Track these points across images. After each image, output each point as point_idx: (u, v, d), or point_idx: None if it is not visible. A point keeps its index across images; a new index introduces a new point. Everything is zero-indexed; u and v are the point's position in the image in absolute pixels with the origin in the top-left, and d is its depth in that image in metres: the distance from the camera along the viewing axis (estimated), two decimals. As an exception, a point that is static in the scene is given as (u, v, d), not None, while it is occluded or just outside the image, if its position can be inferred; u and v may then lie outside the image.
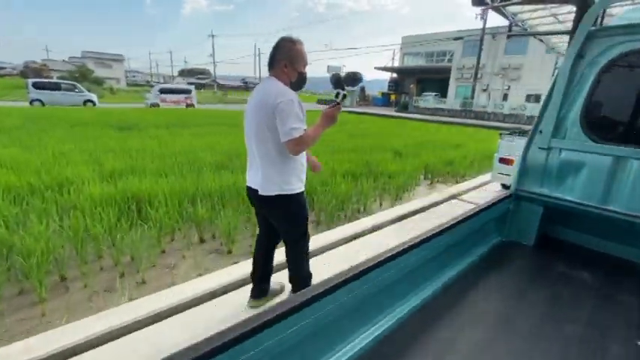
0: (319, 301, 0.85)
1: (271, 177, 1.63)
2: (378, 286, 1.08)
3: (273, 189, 1.63)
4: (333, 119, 1.57)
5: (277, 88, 1.53)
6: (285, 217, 1.77)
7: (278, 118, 1.48)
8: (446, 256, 1.48)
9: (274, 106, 1.49)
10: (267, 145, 1.59)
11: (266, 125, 1.54)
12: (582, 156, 1.61)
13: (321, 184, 4.09)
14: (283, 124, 1.48)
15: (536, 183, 1.77)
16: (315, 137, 1.55)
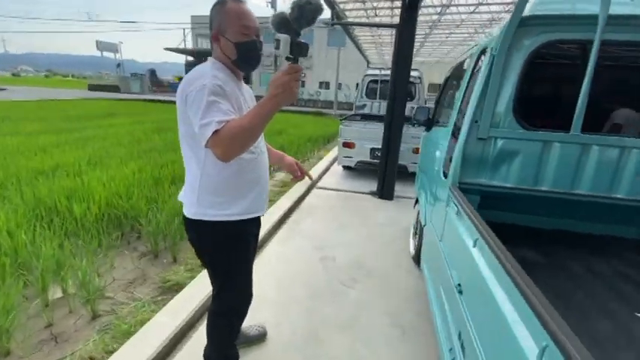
0: None
1: (189, 192, 1.27)
2: None
3: (190, 210, 1.27)
4: (285, 88, 0.95)
5: (192, 74, 1.13)
6: (204, 255, 1.38)
7: (190, 113, 1.08)
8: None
9: (184, 100, 1.11)
10: (185, 150, 1.25)
11: (183, 123, 1.18)
12: (516, 143, 1.71)
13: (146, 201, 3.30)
14: (195, 120, 1.05)
15: (475, 173, 1.79)
16: (252, 124, 0.99)
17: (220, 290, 1.41)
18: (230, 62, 1.19)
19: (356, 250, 3.07)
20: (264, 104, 0.98)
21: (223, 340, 1.53)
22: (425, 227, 2.47)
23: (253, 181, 1.30)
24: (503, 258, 1.00)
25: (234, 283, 1.42)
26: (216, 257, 1.35)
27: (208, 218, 1.24)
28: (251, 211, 1.31)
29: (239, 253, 1.39)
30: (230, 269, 1.39)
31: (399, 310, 2.25)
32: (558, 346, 0.66)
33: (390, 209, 4.28)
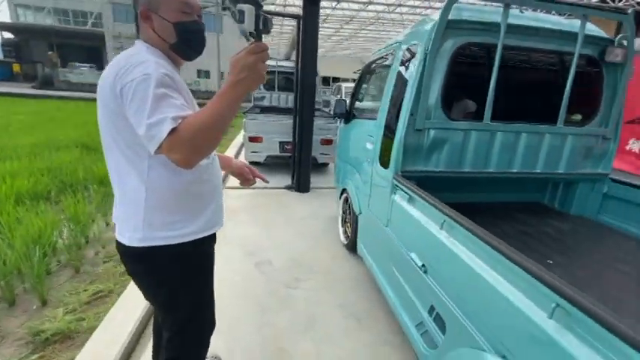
0: None
1: (131, 214, 1.01)
2: None
3: (134, 236, 1.01)
4: (252, 71, 0.81)
5: (124, 61, 0.89)
6: (160, 290, 1.12)
7: (129, 112, 0.86)
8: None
9: (116, 95, 0.87)
10: (115, 162, 1.00)
11: (113, 126, 0.94)
12: (444, 133, 1.97)
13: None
14: (138, 120, 0.83)
15: (413, 161, 1.99)
16: (217, 119, 0.82)
17: (185, 326, 1.17)
18: (167, 47, 1.00)
19: (289, 248, 3.02)
20: (226, 92, 0.82)
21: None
22: (360, 216, 2.62)
23: (211, 191, 1.13)
24: (481, 232, 1.16)
25: (203, 314, 1.23)
26: (179, 289, 1.12)
27: (163, 242, 1.02)
28: (211, 225, 1.14)
29: (205, 278, 1.21)
30: (198, 299, 1.19)
31: (349, 301, 2.34)
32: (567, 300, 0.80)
33: (309, 202, 4.36)
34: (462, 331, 1.21)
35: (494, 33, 1.77)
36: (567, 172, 2.18)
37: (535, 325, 0.89)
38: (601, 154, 2.20)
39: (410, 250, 1.68)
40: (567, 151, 2.14)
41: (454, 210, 1.36)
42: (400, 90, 2.02)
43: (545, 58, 2.12)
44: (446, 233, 1.39)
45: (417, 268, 1.58)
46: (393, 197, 1.94)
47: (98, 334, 1.80)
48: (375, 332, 2.05)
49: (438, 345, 1.39)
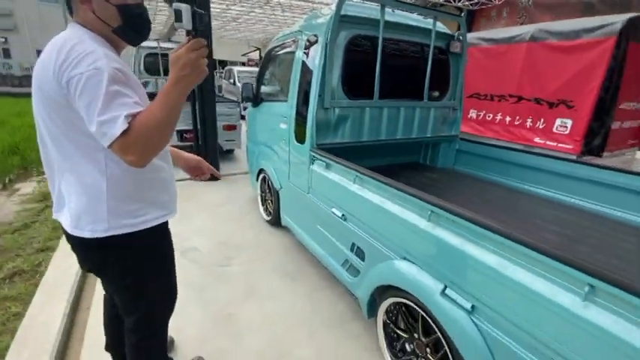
0: None
1: (92, 206, 1.01)
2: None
3: (97, 228, 1.02)
4: (194, 68, 0.85)
5: (68, 49, 0.87)
6: (125, 278, 1.16)
7: (79, 104, 0.86)
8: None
9: (62, 86, 0.87)
10: (61, 152, 0.98)
11: (58, 117, 0.94)
12: (346, 110, 2.42)
13: None
14: (89, 117, 0.85)
15: (324, 136, 2.39)
16: (167, 117, 0.86)
17: (151, 310, 1.26)
18: (109, 31, 0.99)
19: (212, 233, 3.14)
20: (171, 91, 0.85)
21: (160, 357, 1.41)
22: (281, 190, 2.94)
23: (168, 177, 1.19)
24: (382, 178, 1.63)
25: (168, 295, 1.33)
26: (145, 275, 1.18)
27: (128, 230, 1.06)
28: (171, 210, 1.20)
29: (169, 261, 1.29)
30: (164, 283, 1.28)
31: (281, 265, 2.68)
32: (442, 210, 1.31)
33: (221, 189, 4.42)
34: (376, 252, 1.69)
35: (376, 27, 2.28)
36: (432, 136, 2.96)
37: (418, 228, 1.39)
38: (452, 120, 3.05)
39: (331, 207, 2.11)
40: (432, 120, 2.89)
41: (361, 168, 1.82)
42: (307, 75, 2.38)
43: (413, 48, 2.78)
44: (358, 186, 1.84)
45: (338, 219, 2.02)
46: (312, 167, 2.32)
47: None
48: (308, 284, 2.45)
49: (360, 271, 1.87)
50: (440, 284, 1.32)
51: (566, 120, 3.43)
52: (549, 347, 0.96)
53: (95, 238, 1.02)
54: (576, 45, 3.30)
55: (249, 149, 3.83)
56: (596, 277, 0.86)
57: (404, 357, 1.65)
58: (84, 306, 2.20)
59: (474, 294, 1.19)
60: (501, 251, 1.11)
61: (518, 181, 2.62)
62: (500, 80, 4.05)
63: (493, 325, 1.13)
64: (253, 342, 1.89)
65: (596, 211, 2.14)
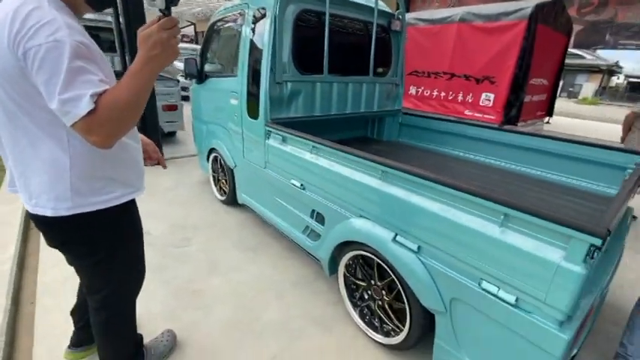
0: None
1: (54, 184, 0.99)
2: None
3: (61, 206, 1.00)
4: (165, 47, 0.83)
5: (20, 14, 0.80)
6: (90, 256, 1.17)
7: (38, 79, 0.81)
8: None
9: (17, 57, 0.81)
10: (25, 126, 0.93)
11: (13, 91, 0.87)
12: (297, 85, 2.50)
13: None
14: (49, 93, 0.80)
15: (277, 110, 2.47)
16: (136, 97, 0.85)
17: (119, 286, 1.29)
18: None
19: (164, 217, 3.07)
20: (140, 70, 0.83)
21: (130, 333, 1.46)
22: (236, 168, 2.97)
23: (135, 154, 1.16)
24: (337, 146, 1.80)
25: (136, 271, 1.37)
26: (113, 251, 1.19)
27: (92, 208, 1.04)
28: (137, 187, 1.19)
29: (137, 237, 1.31)
30: (132, 259, 1.31)
31: (241, 241, 2.76)
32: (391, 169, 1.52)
33: (167, 173, 4.25)
34: (335, 214, 1.87)
35: (322, 2, 2.38)
36: (378, 110, 3.20)
37: (371, 187, 1.59)
38: (395, 96, 3.32)
39: (289, 179, 2.23)
40: (377, 95, 3.12)
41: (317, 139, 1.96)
42: (257, 50, 2.41)
43: (358, 25, 2.93)
44: (315, 155, 1.98)
45: (297, 189, 2.15)
46: (268, 142, 2.40)
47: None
48: (270, 254, 2.58)
49: (320, 234, 2.04)
50: (391, 233, 1.55)
51: (489, 94, 3.93)
52: (478, 269, 1.23)
53: (58, 216, 1.00)
54: (497, 27, 3.76)
55: (196, 129, 3.73)
56: (508, 207, 1.12)
57: (362, 304, 1.89)
58: (26, 300, 2.08)
59: (418, 237, 1.43)
60: (437, 197, 1.35)
61: (452, 149, 3.00)
62: (435, 58, 4.45)
63: (434, 259, 1.39)
64: (223, 311, 1.98)
65: (513, 169, 2.57)
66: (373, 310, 1.84)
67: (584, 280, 0.98)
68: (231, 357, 1.68)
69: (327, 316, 1.98)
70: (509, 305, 1.16)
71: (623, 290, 2.35)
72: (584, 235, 0.96)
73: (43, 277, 2.20)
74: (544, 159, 2.42)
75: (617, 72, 27.69)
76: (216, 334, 1.82)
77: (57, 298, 2.01)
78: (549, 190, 2.13)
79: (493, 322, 1.23)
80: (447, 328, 1.41)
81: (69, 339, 1.60)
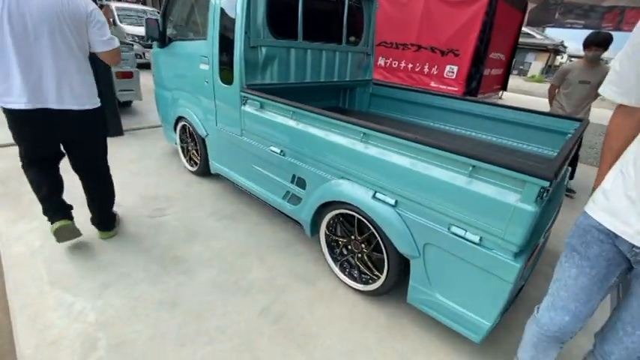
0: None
1: (89, 88, 1.89)
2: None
3: (93, 101, 1.92)
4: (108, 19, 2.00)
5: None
6: (99, 133, 2.09)
7: (94, 28, 1.78)
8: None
9: (88, 13, 1.74)
10: (77, 55, 1.79)
11: (78, 35, 1.75)
12: (272, 50, 2.50)
13: None
14: (102, 34, 1.81)
15: (253, 76, 2.47)
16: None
17: (105, 153, 2.18)
18: None
19: (133, 189, 3.00)
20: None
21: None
22: (207, 137, 2.95)
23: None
24: (318, 110, 1.89)
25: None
26: (104, 130, 2.15)
27: (99, 105, 1.97)
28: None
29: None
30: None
31: (218, 209, 2.80)
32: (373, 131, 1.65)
33: (129, 144, 4.08)
34: (317, 178, 2.00)
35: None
36: (350, 80, 3.30)
37: (353, 149, 1.73)
38: (366, 66, 3.43)
39: (268, 146, 2.29)
40: (350, 64, 3.21)
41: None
42: (230, 11, 2.36)
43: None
44: (295, 121, 2.06)
45: (277, 155, 2.23)
46: (244, 108, 2.42)
47: None
48: (248, 221, 2.66)
49: (301, 198, 2.17)
50: (371, 191, 1.71)
51: (453, 66, 4.18)
52: (448, 216, 1.43)
53: (93, 108, 1.92)
54: (461, 1, 3.96)
55: (159, 97, 3.59)
56: (477, 160, 1.31)
57: (342, 259, 2.08)
58: (-10, 276, 2.00)
59: (396, 192, 1.60)
60: (413, 154, 1.52)
61: (420, 118, 3.21)
62: (404, 30, 4.58)
63: (409, 211, 1.57)
64: (207, 273, 2.07)
65: (474, 136, 2.84)
66: (352, 262, 2.03)
67: (535, 217, 1.20)
68: (222, 311, 1.79)
69: (310, 273, 2.15)
70: (474, 244, 1.38)
71: (558, 240, 2.78)
72: (536, 179, 1.17)
73: (8, 250, 2.11)
74: (499, 126, 2.71)
75: (562, 51, 29.92)
76: (204, 293, 1.91)
77: (28, 270, 1.97)
78: (504, 153, 2.42)
79: (460, 261, 1.45)
80: (420, 271, 1.63)
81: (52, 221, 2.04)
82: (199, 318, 1.75)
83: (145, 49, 9.27)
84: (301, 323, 1.77)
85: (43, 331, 1.60)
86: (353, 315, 1.86)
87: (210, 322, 1.73)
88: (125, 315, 1.71)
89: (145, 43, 9.34)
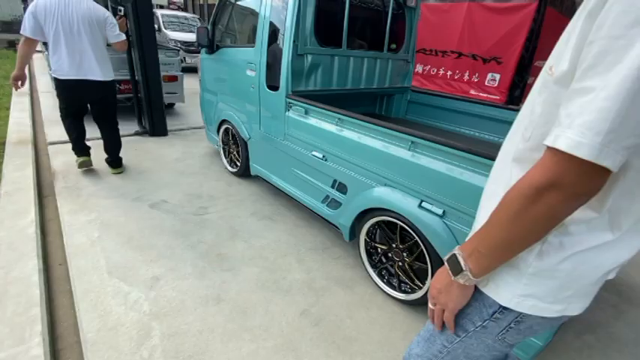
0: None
1: (107, 63, 2.92)
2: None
3: (110, 75, 2.95)
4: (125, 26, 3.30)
5: (98, 5, 2.78)
6: (112, 98, 3.11)
7: (109, 26, 2.83)
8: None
9: (105, 19, 2.78)
10: (100, 44, 2.83)
11: (100, 33, 2.81)
12: (317, 58, 2.56)
13: None
14: (114, 31, 2.86)
15: (298, 82, 2.53)
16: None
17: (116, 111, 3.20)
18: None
19: (178, 187, 3.15)
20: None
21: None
22: (250, 140, 3.05)
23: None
24: (363, 118, 1.91)
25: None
26: (116, 95, 3.21)
27: (113, 77, 3.03)
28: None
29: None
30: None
31: (258, 210, 2.88)
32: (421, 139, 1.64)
33: (173, 144, 4.29)
34: (359, 184, 2.01)
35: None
36: (389, 87, 3.29)
37: (400, 157, 1.72)
38: (406, 73, 3.41)
39: (310, 150, 2.33)
40: (389, 72, 3.20)
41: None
42: (279, 20, 2.43)
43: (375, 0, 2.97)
44: (339, 127, 2.09)
45: (318, 160, 2.26)
46: (288, 114, 2.48)
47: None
48: (287, 222, 2.72)
49: (341, 203, 2.18)
50: (417, 200, 1.70)
51: (495, 74, 4.05)
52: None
53: (109, 80, 2.94)
54: (507, 7, 3.83)
55: (204, 100, 3.75)
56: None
57: (381, 266, 2.07)
58: (54, 263, 2.17)
59: (443, 202, 1.58)
60: (466, 165, 1.49)
61: (458, 126, 3.14)
62: (444, 37, 4.50)
63: (459, 222, 1.55)
64: (250, 272, 2.13)
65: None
66: (392, 271, 2.02)
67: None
68: (264, 311, 1.84)
69: (347, 277, 2.16)
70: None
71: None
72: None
73: (70, 239, 2.28)
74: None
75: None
76: (247, 291, 1.97)
77: (88, 259, 2.12)
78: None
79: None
80: (466, 283, 1.59)
81: (79, 160, 3.12)
82: (244, 315, 1.81)
83: (187, 54, 9.68)
84: (342, 327, 1.79)
85: (104, 317, 1.71)
86: (393, 323, 1.85)
87: (254, 320, 1.78)
88: (176, 307, 1.80)
89: (187, 48, 9.78)
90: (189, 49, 9.74)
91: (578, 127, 0.49)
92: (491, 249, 0.63)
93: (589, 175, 0.50)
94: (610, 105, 0.46)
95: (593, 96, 0.47)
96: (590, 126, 0.47)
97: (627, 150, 0.48)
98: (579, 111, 0.49)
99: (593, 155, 0.48)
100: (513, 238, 0.60)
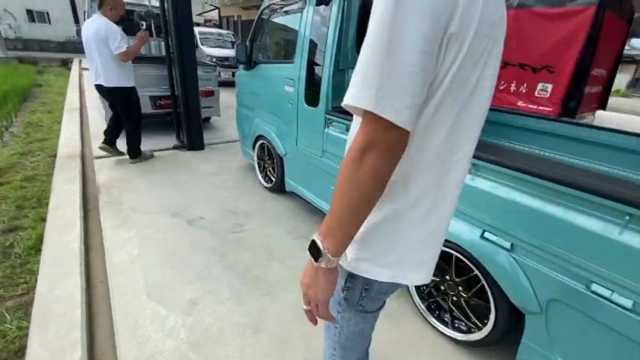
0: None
1: (109, 76, 3.40)
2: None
3: (112, 83, 3.42)
4: (147, 39, 3.58)
5: (104, 23, 3.25)
6: (126, 102, 3.59)
7: (110, 41, 3.23)
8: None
9: (107, 36, 3.24)
10: (106, 55, 3.30)
11: (104, 46, 3.26)
12: (358, 72, 2.45)
13: None
14: (113, 44, 3.25)
15: (338, 98, 2.43)
16: (135, 50, 3.43)
17: (132, 114, 3.68)
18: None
19: (214, 202, 3.12)
20: (138, 44, 3.53)
21: (137, 139, 3.85)
22: (286, 156, 2.96)
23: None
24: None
25: (136, 104, 3.73)
26: (130, 103, 3.64)
27: (122, 85, 3.50)
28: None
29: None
30: (134, 98, 3.69)
31: (293, 227, 2.77)
32: (482, 161, 1.46)
33: (209, 158, 4.31)
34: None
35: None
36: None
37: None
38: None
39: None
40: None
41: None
42: (320, 35, 2.35)
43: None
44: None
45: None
46: (327, 130, 2.37)
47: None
48: (324, 244, 2.57)
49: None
50: (478, 230, 1.50)
51: (547, 85, 3.73)
52: (587, 270, 1.17)
53: (122, 86, 3.49)
54: (561, 12, 3.54)
55: (241, 115, 3.74)
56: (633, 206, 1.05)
57: (431, 299, 1.87)
58: (95, 281, 2.16)
59: (512, 234, 1.38)
60: (536, 192, 1.28)
61: (507, 141, 2.88)
62: (486, 46, 4.23)
63: (530, 259, 1.34)
64: (288, 297, 2.01)
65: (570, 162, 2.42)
66: (444, 306, 1.81)
67: None
68: (305, 343, 1.70)
69: (392, 309, 1.97)
70: (625, 310, 1.11)
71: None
72: None
73: (112, 257, 2.27)
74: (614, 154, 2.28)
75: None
76: (286, 320, 1.84)
77: (128, 278, 2.09)
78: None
79: (600, 325, 1.18)
80: (539, 329, 1.37)
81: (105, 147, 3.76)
82: (282, 347, 1.68)
83: (222, 69, 9.96)
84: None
85: (142, 344, 1.65)
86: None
87: (294, 354, 1.64)
88: (214, 336, 1.70)
89: (222, 64, 10.07)
90: (224, 64, 10.03)
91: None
92: (340, 221, 0.63)
93: (386, 129, 0.55)
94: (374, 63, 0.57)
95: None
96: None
97: (409, 110, 0.55)
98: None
99: (370, 105, 0.55)
100: (354, 203, 0.60)
